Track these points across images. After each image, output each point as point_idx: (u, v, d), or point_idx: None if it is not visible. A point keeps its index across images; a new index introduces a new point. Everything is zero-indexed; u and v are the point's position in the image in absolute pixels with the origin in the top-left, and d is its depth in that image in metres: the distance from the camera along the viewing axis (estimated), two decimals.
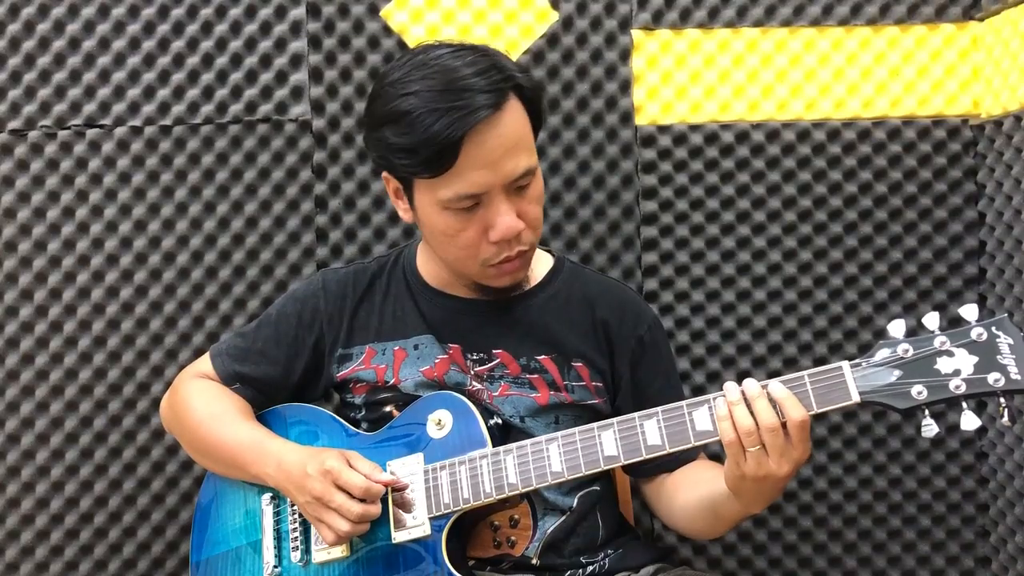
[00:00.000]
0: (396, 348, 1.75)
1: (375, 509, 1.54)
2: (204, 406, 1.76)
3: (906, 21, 2.32)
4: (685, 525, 1.75)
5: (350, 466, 1.55)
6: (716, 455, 2.30)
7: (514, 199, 1.56)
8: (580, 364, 1.74)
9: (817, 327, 2.34)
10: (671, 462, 1.74)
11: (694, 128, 2.32)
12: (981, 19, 2.30)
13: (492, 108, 1.48)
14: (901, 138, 2.32)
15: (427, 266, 1.79)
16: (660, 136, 2.32)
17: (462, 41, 1.59)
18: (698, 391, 2.33)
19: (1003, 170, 2.21)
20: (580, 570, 1.74)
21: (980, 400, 1.38)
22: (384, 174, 1.65)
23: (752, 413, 1.40)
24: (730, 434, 1.41)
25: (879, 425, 2.33)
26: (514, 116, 1.53)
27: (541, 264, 1.82)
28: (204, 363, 1.84)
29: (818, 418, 1.41)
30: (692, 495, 1.69)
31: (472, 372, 1.73)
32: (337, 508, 1.52)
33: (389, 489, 1.60)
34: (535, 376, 1.72)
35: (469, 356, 1.73)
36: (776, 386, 1.41)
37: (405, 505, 1.59)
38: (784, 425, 1.39)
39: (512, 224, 1.55)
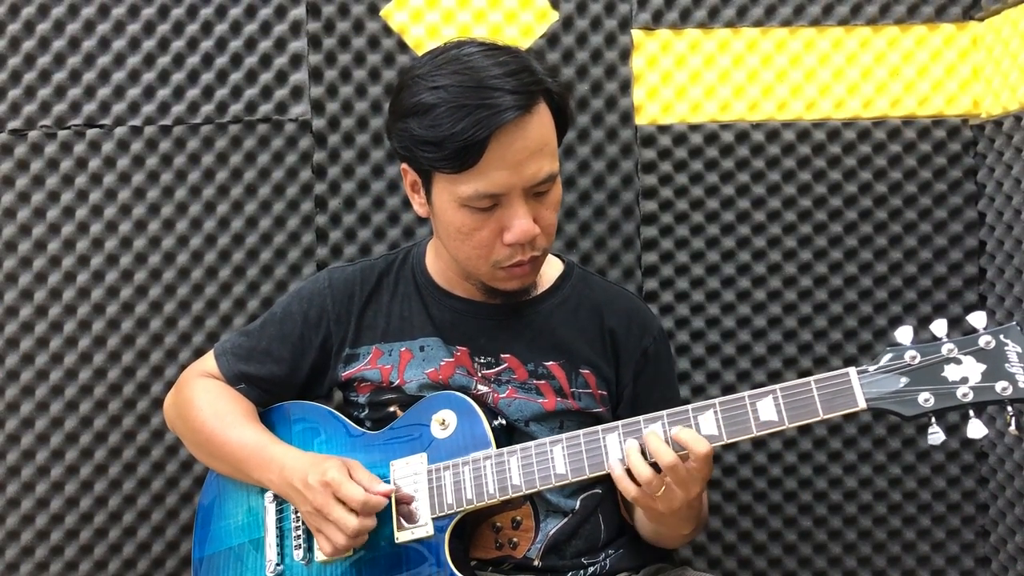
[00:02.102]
0: (403, 349, 1.75)
1: (371, 523, 1.54)
2: (208, 406, 1.76)
3: (906, 21, 2.32)
4: (643, 532, 1.80)
5: (351, 477, 1.55)
6: (717, 456, 2.32)
7: (532, 203, 1.56)
8: (588, 372, 1.74)
9: (817, 327, 2.34)
10: None
11: (694, 128, 2.32)
12: (981, 19, 2.30)
13: (520, 110, 1.48)
14: (901, 138, 2.32)
15: (436, 265, 1.79)
16: (660, 136, 2.32)
17: (494, 40, 1.59)
18: (698, 391, 2.33)
19: (1003, 170, 2.22)
20: (581, 571, 1.75)
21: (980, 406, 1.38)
22: (403, 166, 1.65)
23: (649, 457, 1.46)
24: (632, 491, 1.48)
25: (879, 425, 2.33)
26: (541, 120, 1.53)
27: (551, 269, 1.82)
28: (209, 362, 1.84)
29: (818, 420, 1.42)
30: None
31: (479, 375, 1.73)
32: (335, 521, 1.53)
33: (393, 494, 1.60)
34: (542, 382, 1.72)
35: (477, 360, 1.73)
36: (676, 430, 1.46)
37: (408, 508, 1.59)
38: (685, 458, 1.45)
39: (528, 228, 1.55)
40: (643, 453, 1.47)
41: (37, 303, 2.28)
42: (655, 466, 1.46)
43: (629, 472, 1.48)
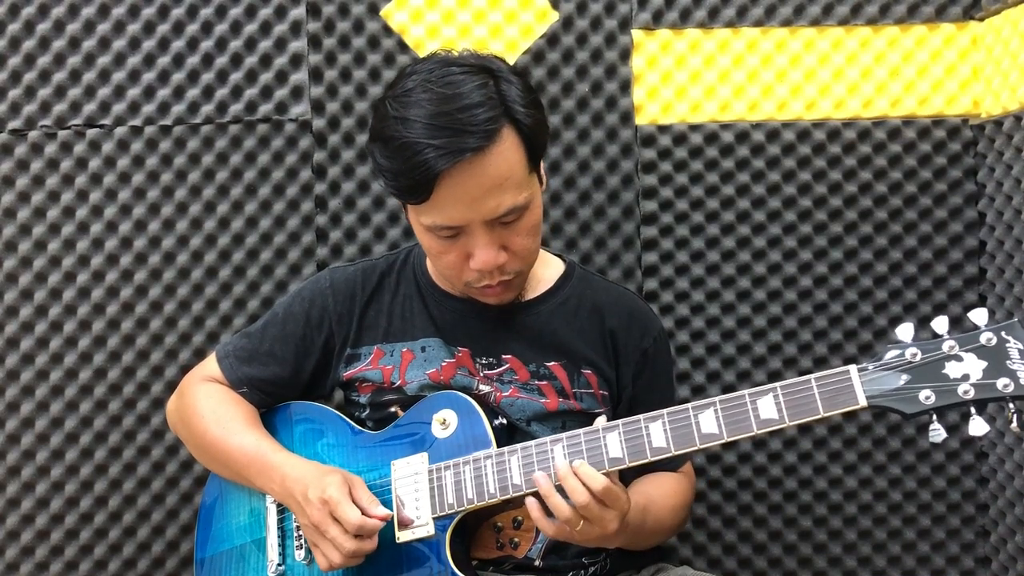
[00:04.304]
0: (404, 349, 1.75)
1: (369, 545, 1.53)
2: (211, 412, 1.76)
3: (906, 21, 2.32)
4: None
5: (351, 495, 1.54)
6: (717, 455, 2.32)
7: (499, 231, 1.55)
8: (589, 372, 1.74)
9: (817, 327, 2.34)
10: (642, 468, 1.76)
11: (694, 128, 2.32)
12: (981, 19, 2.30)
13: (474, 151, 1.46)
14: (901, 138, 2.32)
15: None
16: (660, 136, 2.32)
17: (481, 56, 1.58)
18: (698, 391, 2.33)
19: (1003, 170, 2.22)
20: (582, 571, 1.75)
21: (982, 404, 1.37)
22: None
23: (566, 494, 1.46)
24: (550, 529, 1.49)
25: (879, 425, 2.33)
26: (502, 156, 1.50)
27: (551, 270, 1.82)
28: (211, 365, 1.84)
29: (819, 419, 1.41)
30: None
31: (481, 375, 1.73)
32: (331, 540, 1.52)
33: (393, 489, 1.60)
34: (544, 383, 1.72)
35: (478, 360, 1.73)
36: (578, 463, 1.48)
37: (408, 505, 1.59)
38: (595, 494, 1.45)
39: (489, 259, 1.55)
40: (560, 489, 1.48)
41: (37, 303, 2.28)
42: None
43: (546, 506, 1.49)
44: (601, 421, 1.52)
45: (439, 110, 1.47)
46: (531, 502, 1.48)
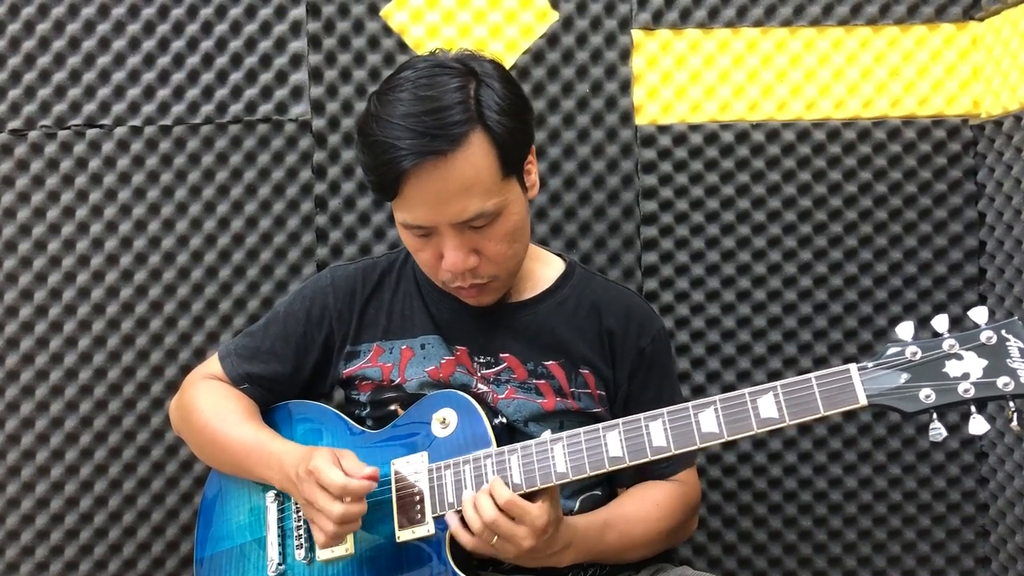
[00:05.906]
0: (403, 347, 1.75)
1: (356, 508, 1.52)
2: (210, 407, 1.76)
3: (906, 21, 2.32)
4: None
5: (340, 464, 1.54)
6: (717, 455, 2.32)
7: (469, 234, 1.56)
8: (587, 371, 1.74)
9: (817, 327, 2.34)
10: (637, 474, 1.75)
11: (694, 128, 2.32)
12: (981, 19, 2.30)
13: (437, 154, 1.47)
14: (901, 138, 2.32)
15: None
16: (660, 136, 2.32)
17: (473, 58, 1.59)
18: (698, 391, 2.33)
19: (1003, 170, 2.22)
20: (581, 572, 1.74)
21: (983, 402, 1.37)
22: None
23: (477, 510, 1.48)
24: (468, 542, 1.51)
25: (879, 425, 2.33)
26: (468, 161, 1.50)
27: (551, 269, 1.82)
28: (212, 365, 1.84)
29: (819, 418, 1.41)
30: None
31: (479, 374, 1.72)
32: (320, 509, 1.52)
33: (393, 488, 1.60)
34: (542, 382, 1.72)
35: (476, 359, 1.73)
36: (493, 480, 1.50)
37: (408, 504, 1.59)
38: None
39: (458, 261, 1.57)
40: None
41: (37, 303, 2.28)
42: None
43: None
44: (547, 435, 1.53)
45: (411, 111, 1.49)
46: (451, 514, 1.52)
